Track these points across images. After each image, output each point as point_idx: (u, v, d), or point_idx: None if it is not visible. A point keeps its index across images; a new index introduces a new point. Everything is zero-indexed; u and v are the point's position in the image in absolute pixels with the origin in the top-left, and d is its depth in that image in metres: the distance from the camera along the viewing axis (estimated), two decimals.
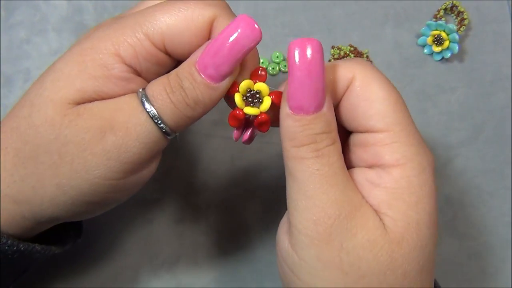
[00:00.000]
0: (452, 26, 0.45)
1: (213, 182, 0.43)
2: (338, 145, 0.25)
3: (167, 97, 0.26)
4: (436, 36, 0.46)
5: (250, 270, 0.42)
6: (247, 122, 0.29)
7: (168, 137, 0.27)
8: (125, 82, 0.26)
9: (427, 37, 0.46)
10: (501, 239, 0.46)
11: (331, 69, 0.27)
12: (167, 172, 0.43)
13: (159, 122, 0.26)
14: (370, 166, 0.26)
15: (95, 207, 0.28)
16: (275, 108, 0.26)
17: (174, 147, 0.44)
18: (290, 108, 0.24)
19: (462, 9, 0.47)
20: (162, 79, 0.26)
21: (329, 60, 0.46)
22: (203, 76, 0.25)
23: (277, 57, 0.45)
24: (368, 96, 0.26)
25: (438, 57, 0.47)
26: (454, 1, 0.47)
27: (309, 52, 0.24)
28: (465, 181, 0.46)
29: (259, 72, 0.27)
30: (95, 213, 0.29)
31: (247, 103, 0.27)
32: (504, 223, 0.46)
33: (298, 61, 0.24)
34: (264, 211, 0.43)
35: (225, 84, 0.26)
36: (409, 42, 0.47)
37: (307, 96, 0.24)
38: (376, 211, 0.25)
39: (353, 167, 0.27)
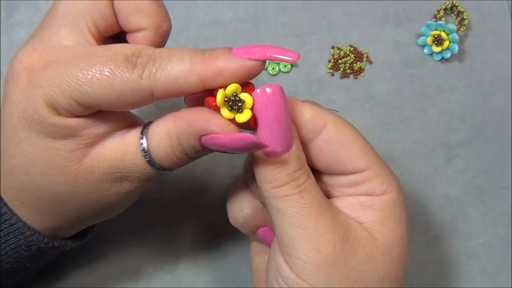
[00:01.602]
0: (452, 26, 0.45)
1: (213, 182, 0.43)
2: (312, 176, 0.28)
3: (170, 160, 0.28)
4: (436, 36, 0.46)
5: (250, 270, 0.42)
6: None
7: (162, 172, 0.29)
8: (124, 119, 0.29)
9: (427, 37, 0.46)
10: (501, 239, 0.46)
11: (297, 108, 0.28)
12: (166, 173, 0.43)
13: (160, 167, 0.28)
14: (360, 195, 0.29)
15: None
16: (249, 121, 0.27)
17: None
18: (263, 153, 0.26)
19: (462, 9, 0.47)
20: (165, 145, 0.27)
21: (329, 61, 0.46)
22: (203, 150, 0.28)
23: None
24: (344, 142, 0.28)
25: (438, 57, 0.47)
26: (454, 1, 0.47)
27: (273, 98, 0.26)
28: (465, 181, 0.46)
29: (249, 85, 0.27)
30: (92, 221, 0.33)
31: (229, 104, 0.26)
32: (504, 223, 0.46)
33: (265, 109, 0.25)
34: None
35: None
36: (409, 42, 0.47)
37: (278, 139, 0.26)
38: (367, 228, 0.28)
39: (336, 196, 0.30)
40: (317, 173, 0.30)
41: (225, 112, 0.26)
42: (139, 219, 0.42)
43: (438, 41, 0.46)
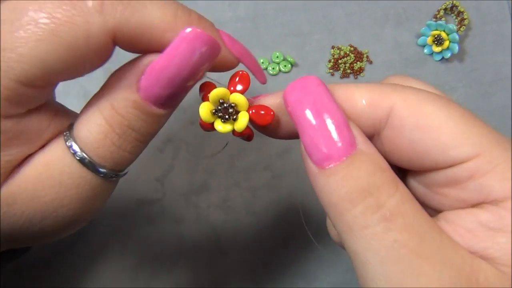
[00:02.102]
0: (452, 26, 0.45)
1: (213, 182, 0.43)
2: (405, 188, 0.19)
3: (111, 144, 0.21)
4: (436, 36, 0.46)
5: (250, 270, 0.42)
6: None
7: (116, 178, 0.23)
8: (24, 136, 0.21)
9: (427, 37, 0.46)
10: None
11: (347, 95, 0.21)
12: (167, 173, 0.43)
13: (103, 170, 0.22)
14: (473, 205, 0.20)
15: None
16: (255, 123, 0.22)
17: (174, 147, 0.44)
18: (316, 163, 0.19)
19: (462, 9, 0.47)
20: (95, 120, 0.21)
21: (329, 60, 0.46)
22: (153, 107, 0.21)
23: (277, 57, 0.45)
24: (426, 123, 0.20)
25: (438, 57, 0.47)
26: (454, 1, 0.47)
27: (309, 88, 0.20)
28: None
29: (237, 78, 0.22)
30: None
31: (219, 116, 0.22)
32: None
33: (299, 106, 0.19)
34: (265, 211, 0.43)
35: (176, 105, 0.22)
36: (409, 42, 0.47)
37: (329, 140, 0.19)
38: (501, 269, 0.18)
39: (441, 211, 0.21)
40: (402, 173, 0.23)
41: (220, 124, 0.22)
42: (139, 219, 0.42)
43: (438, 41, 0.46)
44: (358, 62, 0.46)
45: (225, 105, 0.22)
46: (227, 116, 0.22)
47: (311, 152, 0.19)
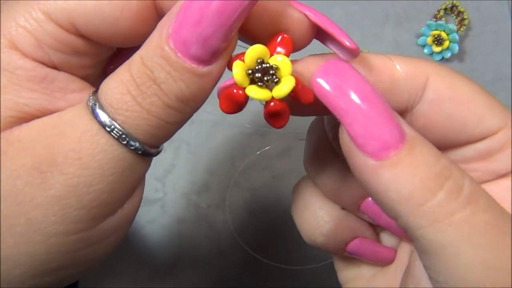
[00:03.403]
0: (452, 26, 0.45)
1: (213, 182, 0.43)
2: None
3: (134, 103, 0.17)
4: (436, 36, 0.46)
5: (250, 270, 0.42)
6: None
7: (148, 157, 0.19)
8: (47, 85, 0.18)
9: (427, 37, 0.46)
10: None
11: (383, 65, 0.20)
12: (167, 172, 0.43)
13: (129, 141, 0.17)
14: (501, 176, 0.20)
15: (69, 272, 0.20)
16: (297, 98, 0.19)
17: (175, 147, 0.44)
18: (373, 155, 0.17)
19: (462, 9, 0.47)
20: (121, 75, 0.17)
21: None
22: (184, 58, 0.17)
23: None
24: (461, 97, 0.19)
25: (438, 57, 0.47)
26: (454, 1, 0.47)
27: (346, 72, 0.18)
28: None
29: (280, 38, 0.18)
30: (76, 276, 0.22)
31: (255, 81, 0.18)
32: None
33: (342, 94, 0.17)
34: (265, 211, 0.43)
35: (219, 65, 0.17)
36: (409, 42, 0.47)
37: (383, 126, 0.17)
38: None
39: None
40: None
41: (253, 91, 0.18)
42: (139, 219, 0.42)
43: (438, 41, 0.46)
44: None
45: (264, 65, 0.18)
46: (266, 77, 0.18)
47: (365, 142, 0.17)
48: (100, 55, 0.20)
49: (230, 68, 0.18)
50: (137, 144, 0.18)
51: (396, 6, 0.48)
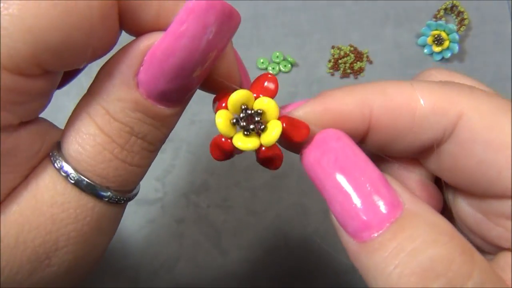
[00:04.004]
0: (452, 26, 0.45)
1: (213, 182, 0.43)
2: (482, 259, 0.15)
3: (113, 158, 0.16)
4: (436, 36, 0.46)
5: (250, 270, 0.42)
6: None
7: (126, 201, 0.18)
8: (11, 161, 0.16)
9: (427, 37, 0.46)
10: None
11: (404, 93, 0.17)
12: (167, 172, 0.43)
13: (107, 194, 0.17)
14: None
15: None
16: (288, 138, 0.18)
17: (174, 147, 0.44)
18: (353, 236, 0.15)
19: (462, 9, 0.47)
20: (89, 134, 0.16)
21: (329, 60, 0.46)
22: (161, 106, 0.16)
23: (277, 57, 0.45)
24: (504, 140, 0.16)
25: (438, 57, 0.47)
26: (454, 1, 0.47)
27: (328, 144, 0.16)
28: None
29: (265, 82, 0.18)
30: None
31: (241, 126, 0.17)
32: None
33: (319, 169, 0.16)
34: (265, 211, 0.43)
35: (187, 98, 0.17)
36: (409, 42, 0.47)
37: (365, 204, 0.15)
38: None
39: (498, 246, 0.17)
40: (455, 192, 0.19)
41: (241, 140, 0.17)
42: (139, 219, 0.42)
43: (438, 41, 0.46)
44: (358, 62, 0.46)
45: (249, 111, 0.17)
46: (252, 126, 0.17)
47: (344, 222, 0.15)
48: (58, 80, 0.17)
49: (215, 110, 0.17)
50: (113, 194, 0.17)
51: (396, 6, 0.48)
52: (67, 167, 0.16)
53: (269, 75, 0.18)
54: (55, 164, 0.16)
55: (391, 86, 0.17)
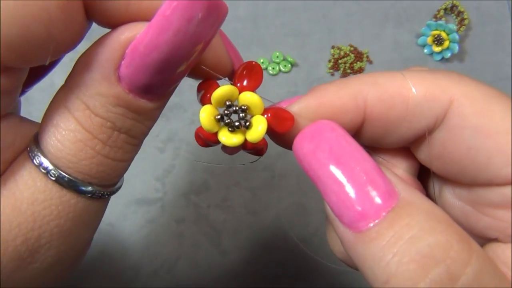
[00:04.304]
0: (452, 26, 0.45)
1: (213, 182, 0.43)
2: (478, 246, 0.14)
3: (95, 154, 0.16)
4: (436, 36, 0.46)
5: (250, 270, 0.42)
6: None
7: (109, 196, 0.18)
8: None
9: (427, 37, 0.46)
10: None
11: (395, 82, 0.17)
12: (167, 172, 0.43)
13: (89, 189, 0.16)
14: None
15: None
16: (273, 130, 0.18)
17: (174, 147, 0.44)
18: (349, 226, 0.15)
19: (462, 9, 0.47)
20: (69, 130, 0.16)
21: (329, 60, 0.46)
22: (144, 100, 0.16)
23: (277, 57, 0.45)
24: (494, 127, 0.16)
25: (438, 57, 0.47)
26: (454, 1, 0.47)
27: (322, 134, 0.16)
28: None
29: (246, 71, 0.17)
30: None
31: (226, 123, 0.17)
32: None
33: (313, 159, 0.16)
34: (265, 211, 0.43)
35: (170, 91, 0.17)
36: (409, 42, 0.47)
37: (360, 194, 0.15)
38: None
39: (486, 237, 0.17)
40: (444, 182, 0.19)
41: (225, 136, 0.17)
42: (139, 219, 0.42)
43: (438, 41, 0.46)
44: (358, 62, 0.46)
45: (233, 107, 0.17)
46: (237, 123, 0.17)
47: (340, 212, 0.15)
48: (23, 77, 0.16)
49: (202, 103, 0.17)
50: (96, 190, 0.17)
51: (396, 6, 0.48)
52: (46, 163, 0.16)
53: (253, 63, 0.17)
54: (34, 161, 0.16)
55: (383, 76, 0.17)
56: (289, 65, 0.45)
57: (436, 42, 0.46)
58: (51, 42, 0.14)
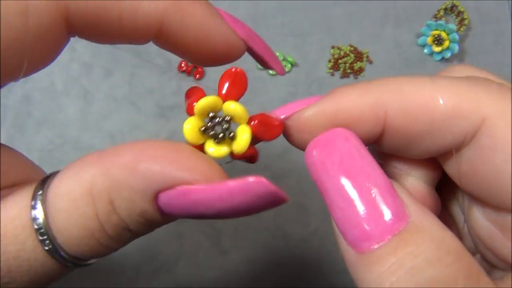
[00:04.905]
0: (452, 26, 0.45)
1: None
2: (489, 281, 0.14)
3: (97, 245, 0.16)
4: (436, 36, 0.46)
5: (250, 270, 0.42)
6: None
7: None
8: None
9: (427, 37, 0.46)
10: None
11: (423, 91, 0.16)
12: None
13: (70, 260, 0.16)
14: None
15: None
16: (260, 138, 0.17)
17: None
18: (352, 244, 0.14)
19: (462, 9, 0.47)
20: (85, 217, 0.15)
21: (329, 60, 0.46)
22: (161, 216, 0.16)
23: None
24: None
25: (438, 57, 0.47)
26: (454, 1, 0.47)
27: (334, 144, 0.15)
28: None
29: (229, 79, 0.16)
30: None
31: (210, 135, 0.17)
32: None
33: (322, 170, 0.15)
34: (264, 211, 0.43)
35: None
36: (409, 42, 0.47)
37: (368, 213, 0.14)
38: None
39: None
40: (471, 201, 0.18)
41: (212, 147, 0.16)
42: None
43: (438, 41, 0.46)
44: (358, 62, 0.46)
45: (217, 119, 0.16)
46: (221, 135, 0.16)
47: (343, 229, 0.14)
48: None
49: (188, 113, 0.17)
50: (74, 264, 0.16)
51: (396, 6, 0.48)
52: (41, 218, 0.15)
53: (236, 70, 0.16)
54: (33, 211, 0.14)
55: (409, 83, 0.16)
56: (289, 65, 0.45)
57: (436, 42, 0.46)
58: (23, 65, 0.13)
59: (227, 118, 0.16)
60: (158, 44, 0.17)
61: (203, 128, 0.16)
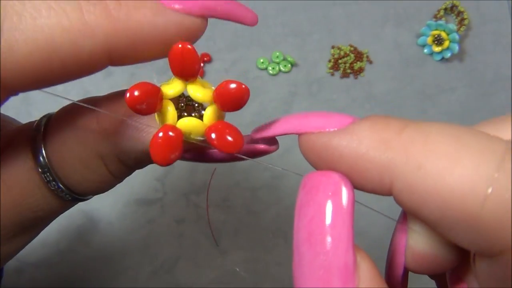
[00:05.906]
0: (452, 26, 0.45)
1: (213, 182, 0.43)
2: None
3: (103, 185, 0.18)
4: (436, 36, 0.46)
5: (250, 270, 0.42)
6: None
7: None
8: None
9: (427, 37, 0.46)
10: None
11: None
12: (167, 172, 0.43)
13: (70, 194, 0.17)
14: None
15: None
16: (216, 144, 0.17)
17: None
18: None
19: (462, 9, 0.47)
20: (102, 176, 0.18)
21: (329, 60, 0.46)
22: None
23: (277, 57, 0.45)
24: None
25: (438, 57, 0.47)
26: (454, 1, 0.47)
27: (316, 197, 0.13)
28: None
29: (177, 58, 0.15)
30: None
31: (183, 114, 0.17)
32: None
33: (297, 217, 0.13)
34: (264, 211, 0.43)
35: None
36: (409, 42, 0.47)
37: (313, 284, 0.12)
38: None
39: None
40: None
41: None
42: (139, 219, 0.42)
43: (438, 41, 0.46)
44: (358, 62, 0.46)
45: (189, 102, 0.17)
46: (193, 115, 0.17)
47: (295, 276, 0.13)
48: None
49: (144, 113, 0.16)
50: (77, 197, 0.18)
51: (396, 6, 0.48)
52: (52, 176, 0.16)
53: (181, 47, 0.15)
54: (37, 158, 0.16)
55: (434, 154, 0.12)
56: (289, 65, 0.45)
57: (436, 42, 0.46)
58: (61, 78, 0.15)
59: (195, 102, 0.16)
60: (116, 64, 0.16)
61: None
